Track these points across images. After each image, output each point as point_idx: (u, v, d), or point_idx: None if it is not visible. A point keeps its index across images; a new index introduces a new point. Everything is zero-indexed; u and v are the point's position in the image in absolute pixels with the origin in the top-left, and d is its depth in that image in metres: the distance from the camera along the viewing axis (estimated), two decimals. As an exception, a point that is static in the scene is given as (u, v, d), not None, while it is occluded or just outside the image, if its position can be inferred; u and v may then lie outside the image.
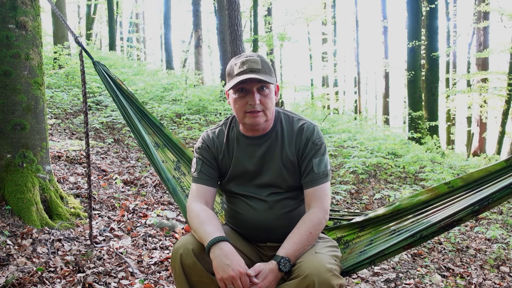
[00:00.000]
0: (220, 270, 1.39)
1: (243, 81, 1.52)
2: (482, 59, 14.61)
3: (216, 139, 1.71)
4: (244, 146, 1.66)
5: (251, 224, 1.64)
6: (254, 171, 1.64)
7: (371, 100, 30.23)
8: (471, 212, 1.48)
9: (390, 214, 1.72)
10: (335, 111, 18.20)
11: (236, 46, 8.68)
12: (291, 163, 1.62)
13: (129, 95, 2.44)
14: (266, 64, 1.57)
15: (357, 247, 1.74)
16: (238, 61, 1.57)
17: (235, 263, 1.39)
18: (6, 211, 2.69)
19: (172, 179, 2.17)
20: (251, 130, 1.64)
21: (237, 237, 1.68)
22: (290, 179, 1.62)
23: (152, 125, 2.41)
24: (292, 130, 1.64)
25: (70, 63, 9.01)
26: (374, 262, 1.66)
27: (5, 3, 2.80)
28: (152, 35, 32.83)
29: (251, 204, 1.64)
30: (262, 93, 1.55)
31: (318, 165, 1.58)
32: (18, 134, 2.82)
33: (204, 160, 1.68)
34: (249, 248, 1.67)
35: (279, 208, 1.62)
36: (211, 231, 1.47)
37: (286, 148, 1.62)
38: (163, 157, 2.31)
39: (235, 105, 1.59)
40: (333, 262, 1.44)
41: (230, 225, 1.74)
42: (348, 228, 1.84)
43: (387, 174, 6.31)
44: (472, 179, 1.54)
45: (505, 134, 13.59)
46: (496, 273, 3.25)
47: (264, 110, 1.56)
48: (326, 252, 1.49)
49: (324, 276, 1.34)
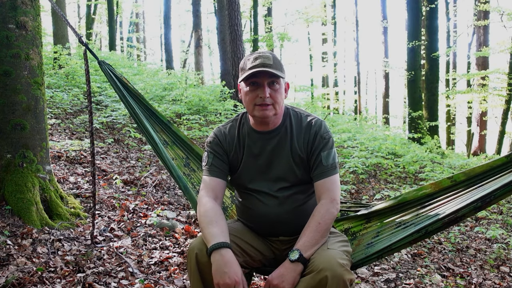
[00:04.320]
0: (218, 275, 1.45)
1: (254, 74, 1.58)
2: (482, 59, 14.60)
3: (227, 135, 1.76)
4: (254, 141, 1.72)
5: (262, 219, 1.70)
6: (264, 165, 1.70)
7: (371, 100, 30.24)
8: (473, 209, 1.53)
9: (396, 206, 1.78)
10: (335, 111, 18.19)
11: (236, 46, 8.69)
12: (300, 157, 1.67)
13: (136, 94, 2.45)
14: (278, 61, 1.63)
15: (364, 238, 1.80)
16: (251, 57, 1.63)
17: (232, 272, 1.45)
18: (6, 211, 2.69)
19: (183, 177, 2.21)
20: (260, 124, 1.69)
21: (249, 233, 1.74)
22: (299, 173, 1.68)
23: (160, 123, 2.43)
24: (300, 125, 1.70)
25: (70, 63, 9.00)
26: (382, 256, 1.70)
27: (5, 3, 2.80)
28: (152, 35, 32.84)
29: (262, 200, 1.70)
30: (272, 88, 1.61)
31: (326, 158, 1.64)
32: (18, 134, 2.82)
33: (215, 153, 1.73)
34: (261, 243, 1.74)
35: (289, 203, 1.68)
36: (215, 234, 1.52)
37: (295, 143, 1.67)
38: (173, 154, 2.34)
39: (246, 97, 1.64)
40: (344, 258, 1.48)
41: (243, 220, 1.80)
42: (355, 220, 1.90)
43: (387, 174, 6.30)
44: (474, 173, 1.60)
45: (505, 134, 13.59)
46: (496, 273, 3.25)
47: (274, 104, 1.62)
48: (338, 248, 1.54)
49: (337, 271, 1.39)
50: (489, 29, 14.96)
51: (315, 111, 10.22)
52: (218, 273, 1.45)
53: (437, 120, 11.17)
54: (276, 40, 16.09)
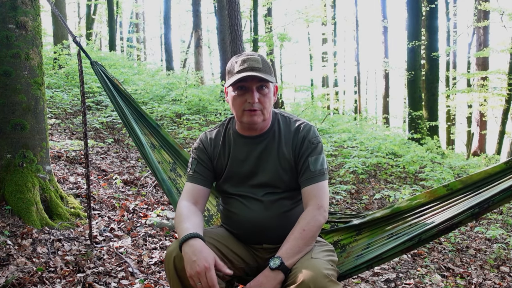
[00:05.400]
0: (188, 267, 1.36)
1: (243, 79, 1.51)
2: (482, 59, 14.60)
3: (213, 140, 1.71)
4: (240, 146, 1.66)
5: (246, 224, 1.62)
6: (250, 171, 1.63)
7: (371, 100, 30.23)
8: (471, 215, 1.45)
9: (388, 216, 1.69)
10: (335, 111, 18.18)
11: (236, 46, 8.68)
12: (287, 163, 1.61)
13: (126, 96, 2.44)
14: (266, 63, 1.57)
15: (354, 251, 1.71)
16: (239, 59, 1.56)
17: (202, 258, 1.35)
18: (6, 211, 2.69)
19: (167, 180, 2.18)
20: (248, 129, 1.63)
21: (233, 239, 1.66)
22: (287, 179, 1.61)
23: (148, 126, 2.41)
24: (289, 130, 1.64)
25: (70, 63, 9.00)
26: (371, 266, 1.63)
27: (5, 3, 2.80)
28: (152, 35, 32.76)
29: (246, 204, 1.62)
30: (261, 92, 1.55)
31: (314, 163, 1.57)
32: (18, 134, 2.82)
33: (200, 160, 1.69)
34: (244, 250, 1.66)
35: (275, 208, 1.60)
36: (186, 228, 1.45)
37: (283, 148, 1.61)
38: (159, 158, 2.31)
39: (233, 102, 1.58)
40: (329, 268, 1.40)
41: (226, 226, 1.72)
42: (345, 232, 1.80)
43: (387, 174, 6.30)
44: (471, 181, 1.51)
45: (505, 134, 13.58)
46: (496, 273, 3.25)
47: (262, 109, 1.56)
48: (323, 257, 1.46)
49: (321, 283, 1.31)
50: (489, 29, 14.96)
51: (315, 111, 10.22)
52: (188, 264, 1.36)
53: (437, 120, 11.17)
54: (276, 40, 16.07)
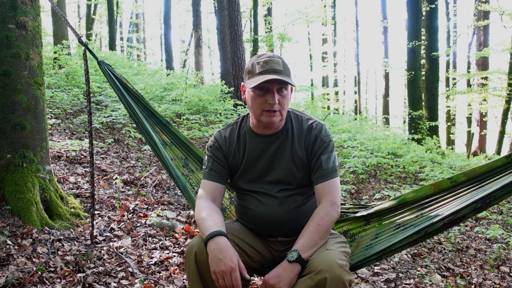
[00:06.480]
0: (213, 263, 1.45)
1: (267, 81, 1.56)
2: (482, 59, 14.60)
3: (227, 138, 1.77)
4: (255, 144, 1.72)
5: (261, 219, 1.70)
6: (265, 168, 1.70)
7: (371, 100, 30.25)
8: (473, 210, 1.52)
9: (396, 207, 1.77)
10: (335, 111, 18.19)
11: (236, 46, 8.68)
12: (300, 160, 1.67)
13: (135, 94, 2.45)
14: (286, 65, 1.63)
15: (363, 240, 1.79)
16: (260, 60, 1.61)
17: (228, 258, 1.43)
18: (6, 211, 2.69)
19: (181, 177, 2.22)
20: (264, 128, 1.69)
21: (249, 233, 1.74)
22: (300, 176, 1.68)
23: (159, 123, 2.43)
24: (301, 128, 1.70)
25: (70, 63, 9.00)
26: (381, 258, 1.70)
27: (5, 3, 2.80)
28: (152, 35, 32.75)
29: (261, 200, 1.70)
30: (281, 94, 1.61)
31: (326, 161, 1.64)
32: (18, 134, 2.82)
33: (215, 158, 1.75)
34: (260, 243, 1.73)
35: (288, 203, 1.68)
36: (210, 226, 1.53)
37: (296, 146, 1.68)
38: (172, 155, 2.35)
39: (253, 102, 1.63)
40: (343, 258, 1.48)
41: (241, 221, 1.80)
42: (354, 221, 1.89)
43: (387, 174, 6.31)
44: (475, 174, 1.59)
45: (505, 134, 13.59)
46: (496, 273, 3.25)
47: (281, 110, 1.62)
48: (337, 249, 1.54)
49: (336, 272, 1.39)
50: (489, 29, 14.96)
51: (315, 111, 10.22)
52: (213, 261, 1.45)
53: (437, 120, 11.17)
54: (276, 40, 16.08)
